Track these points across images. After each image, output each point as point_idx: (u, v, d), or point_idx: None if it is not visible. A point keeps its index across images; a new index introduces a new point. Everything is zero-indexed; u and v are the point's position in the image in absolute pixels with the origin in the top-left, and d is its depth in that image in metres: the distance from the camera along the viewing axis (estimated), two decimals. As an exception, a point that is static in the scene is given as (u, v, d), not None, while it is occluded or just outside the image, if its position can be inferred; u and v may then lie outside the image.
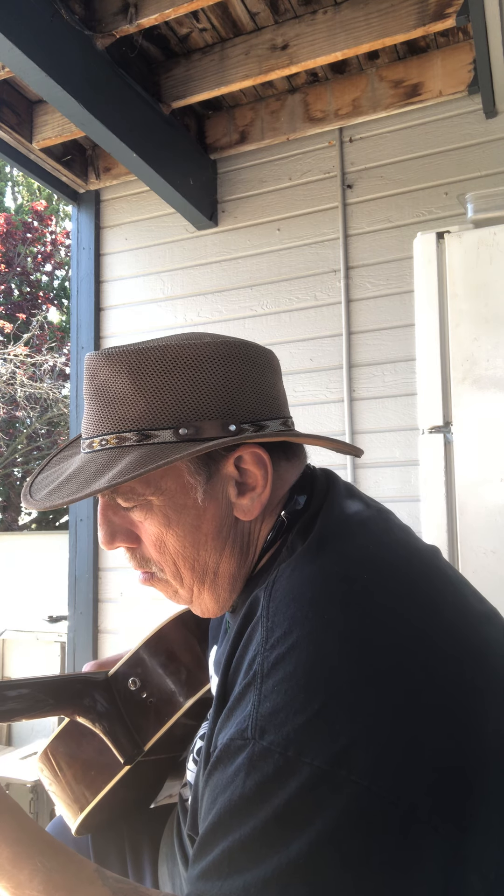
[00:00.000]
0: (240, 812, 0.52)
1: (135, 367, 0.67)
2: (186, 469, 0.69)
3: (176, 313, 2.83)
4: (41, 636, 3.61)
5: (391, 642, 0.56)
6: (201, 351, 0.68)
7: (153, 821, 1.03)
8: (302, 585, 0.61)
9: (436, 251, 1.76)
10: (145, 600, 2.69)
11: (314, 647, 0.55)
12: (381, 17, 2.14)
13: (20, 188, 10.75)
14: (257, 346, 0.75)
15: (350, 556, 0.64)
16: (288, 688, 0.54)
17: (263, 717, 0.53)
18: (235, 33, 2.36)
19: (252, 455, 0.70)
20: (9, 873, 0.59)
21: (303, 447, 0.80)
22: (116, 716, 0.89)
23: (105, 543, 0.73)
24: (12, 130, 2.55)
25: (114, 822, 1.01)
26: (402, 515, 0.69)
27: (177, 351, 0.68)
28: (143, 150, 2.31)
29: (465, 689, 0.56)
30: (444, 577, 0.66)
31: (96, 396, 0.69)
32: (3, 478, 9.63)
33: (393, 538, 0.70)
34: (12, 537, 5.05)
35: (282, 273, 2.66)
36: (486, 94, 2.25)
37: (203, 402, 0.67)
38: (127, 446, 0.66)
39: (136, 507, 0.70)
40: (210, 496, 0.70)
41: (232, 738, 0.55)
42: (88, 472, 0.67)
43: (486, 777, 0.54)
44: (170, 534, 0.70)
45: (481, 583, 1.60)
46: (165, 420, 0.66)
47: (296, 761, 0.50)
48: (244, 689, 0.57)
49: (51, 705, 0.84)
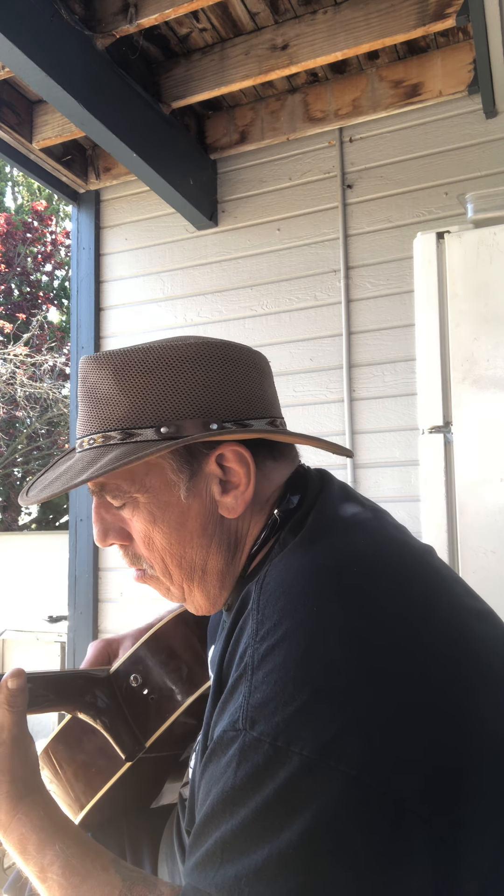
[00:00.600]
0: (232, 802, 0.52)
1: (119, 369, 0.70)
2: (169, 467, 0.71)
3: (176, 313, 2.83)
4: (41, 636, 3.61)
5: (381, 633, 0.57)
6: (183, 352, 0.71)
7: (154, 820, 1.03)
8: (292, 578, 0.62)
9: (436, 251, 1.76)
10: (145, 600, 2.69)
11: (304, 638, 0.56)
12: (381, 17, 2.14)
13: (20, 188, 10.75)
14: (243, 347, 0.76)
15: (341, 550, 0.65)
16: (278, 678, 0.54)
17: (254, 708, 0.54)
18: (235, 33, 2.36)
19: (234, 453, 0.71)
20: (34, 858, 0.64)
21: (293, 447, 0.80)
22: (118, 712, 0.89)
23: (99, 541, 0.76)
24: (12, 130, 2.55)
25: (114, 820, 1.02)
26: (402, 515, 0.69)
27: (159, 352, 0.70)
28: (143, 150, 2.31)
29: (457, 685, 0.57)
30: (437, 576, 0.67)
31: (86, 398, 0.73)
32: (3, 478, 9.64)
33: (386, 536, 0.70)
34: (12, 537, 5.05)
35: (282, 273, 2.66)
36: (486, 94, 2.26)
37: (184, 402, 0.70)
38: (111, 444, 0.69)
39: (124, 505, 0.72)
40: (193, 494, 0.71)
41: (225, 729, 0.56)
42: (76, 469, 0.71)
43: (478, 773, 0.54)
44: (156, 531, 0.72)
45: (481, 583, 1.59)
46: (148, 419, 0.69)
47: (285, 751, 0.51)
48: (236, 682, 0.58)
49: (51, 700, 0.84)
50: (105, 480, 0.72)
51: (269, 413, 0.76)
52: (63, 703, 0.87)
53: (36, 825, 0.66)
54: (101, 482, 0.72)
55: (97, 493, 0.73)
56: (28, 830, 0.65)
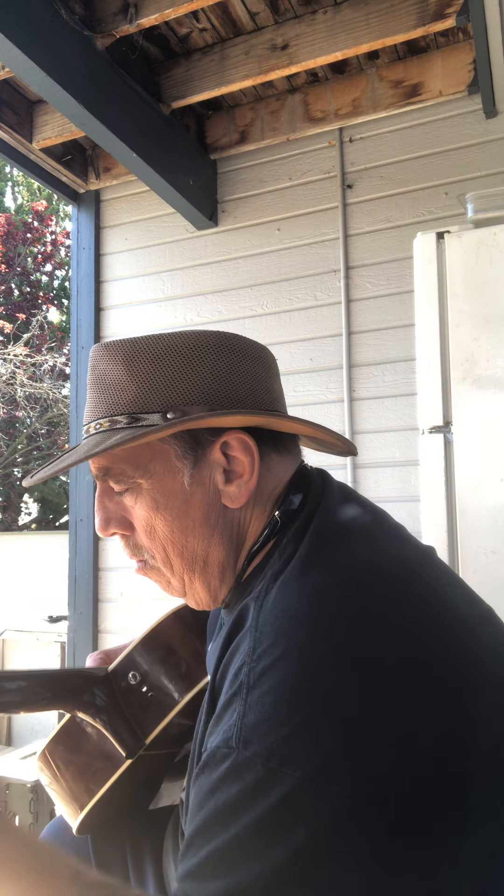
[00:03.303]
0: (224, 818, 0.52)
1: (129, 355, 0.72)
2: (173, 452, 0.71)
3: (176, 313, 2.83)
4: (41, 636, 3.61)
5: (379, 656, 0.56)
6: (192, 340, 0.72)
7: (155, 821, 1.03)
8: (291, 597, 0.61)
9: (436, 251, 1.76)
10: (145, 600, 2.69)
11: (301, 659, 0.56)
12: (381, 17, 2.14)
13: (20, 188, 10.76)
14: (251, 341, 0.77)
15: (341, 567, 0.64)
16: (272, 700, 0.54)
17: (248, 728, 0.54)
18: (235, 33, 2.36)
19: (238, 441, 0.71)
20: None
21: (296, 443, 0.81)
22: (116, 710, 0.89)
23: (100, 530, 0.76)
24: (12, 130, 2.55)
25: (115, 822, 1.01)
26: (402, 515, 0.69)
27: (168, 340, 0.72)
28: (143, 150, 2.31)
29: (455, 698, 0.56)
30: (434, 588, 0.66)
31: (95, 384, 0.74)
32: (3, 478, 9.63)
33: (385, 544, 0.70)
34: (12, 537, 5.05)
35: (282, 273, 2.66)
36: (486, 94, 2.26)
37: (191, 389, 0.70)
38: (117, 428, 0.70)
39: (127, 491, 0.73)
40: (197, 481, 0.72)
41: (218, 745, 0.56)
42: (80, 451, 0.72)
43: (476, 782, 0.54)
44: (158, 518, 0.72)
45: (481, 583, 1.59)
46: (155, 405, 0.70)
47: (278, 772, 0.51)
48: (231, 699, 0.58)
49: (48, 699, 0.84)
50: (109, 464, 0.72)
51: (275, 407, 0.76)
52: (60, 702, 0.87)
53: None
54: (105, 466, 0.72)
55: (101, 478, 0.74)
56: None
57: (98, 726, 0.88)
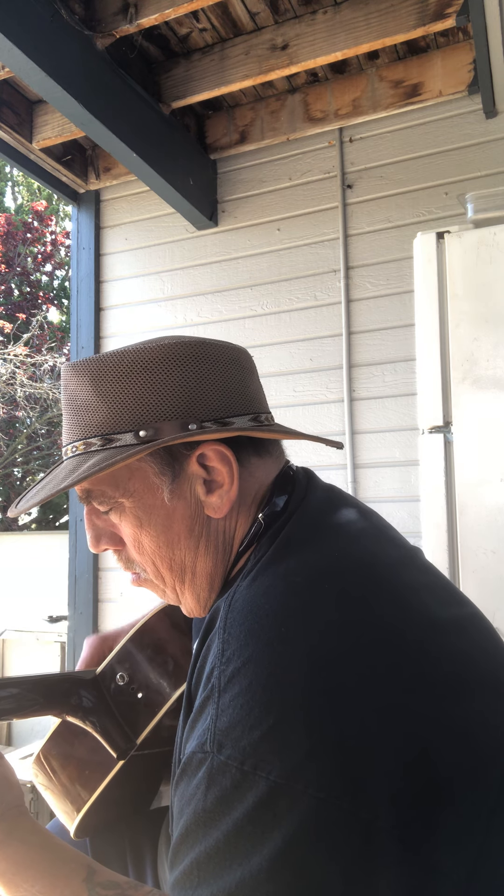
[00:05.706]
0: (204, 824, 0.53)
1: (96, 375, 0.70)
2: (151, 470, 0.71)
3: (176, 313, 2.83)
4: (41, 636, 3.61)
5: (350, 656, 0.56)
6: (156, 354, 0.70)
7: (154, 822, 1.03)
8: (259, 597, 0.61)
9: (436, 251, 1.76)
10: (145, 600, 2.69)
11: (270, 660, 0.55)
12: (381, 17, 2.14)
13: (20, 188, 10.75)
14: (222, 343, 0.75)
15: (312, 566, 0.63)
16: (244, 702, 0.54)
17: (221, 732, 0.54)
18: (235, 33, 2.36)
19: (214, 452, 0.71)
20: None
21: (279, 443, 0.80)
22: (106, 712, 0.89)
23: (92, 546, 0.77)
24: (12, 130, 2.55)
25: (113, 824, 1.01)
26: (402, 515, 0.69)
27: (133, 356, 0.70)
28: (143, 150, 2.31)
29: (427, 700, 0.56)
30: (409, 589, 0.65)
31: (68, 406, 0.74)
32: (3, 478, 9.63)
33: (365, 543, 0.69)
34: (12, 537, 5.04)
35: (282, 273, 2.66)
36: (486, 94, 2.26)
37: (162, 404, 0.69)
38: (92, 451, 0.70)
39: (111, 510, 0.73)
40: (178, 495, 0.71)
41: (193, 750, 0.56)
42: (59, 477, 0.71)
43: (457, 783, 0.54)
44: (144, 534, 0.72)
45: (481, 583, 1.59)
46: (126, 424, 0.69)
47: (252, 775, 0.51)
48: (204, 702, 0.58)
49: (40, 704, 0.84)
50: (90, 487, 0.72)
51: (253, 409, 0.75)
52: (51, 707, 0.87)
53: (8, 869, 0.64)
54: (86, 489, 0.72)
55: (85, 500, 0.74)
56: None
57: (88, 729, 0.88)
